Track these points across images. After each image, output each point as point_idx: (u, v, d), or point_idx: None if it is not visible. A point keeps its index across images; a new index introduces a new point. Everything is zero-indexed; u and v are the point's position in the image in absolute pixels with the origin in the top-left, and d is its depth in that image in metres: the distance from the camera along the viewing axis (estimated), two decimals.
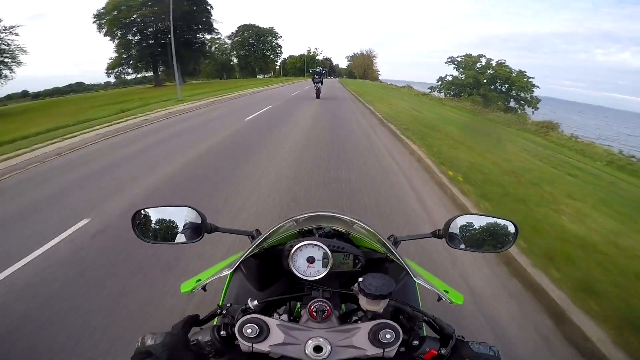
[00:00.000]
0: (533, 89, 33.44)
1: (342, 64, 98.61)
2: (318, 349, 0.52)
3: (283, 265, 0.69)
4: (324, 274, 0.66)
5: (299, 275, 0.66)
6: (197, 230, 0.91)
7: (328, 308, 0.57)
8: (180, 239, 0.90)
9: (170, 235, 0.90)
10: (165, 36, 37.32)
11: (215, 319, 0.64)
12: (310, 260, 0.66)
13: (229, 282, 0.84)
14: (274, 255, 0.77)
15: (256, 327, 0.52)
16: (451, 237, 0.91)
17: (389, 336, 0.52)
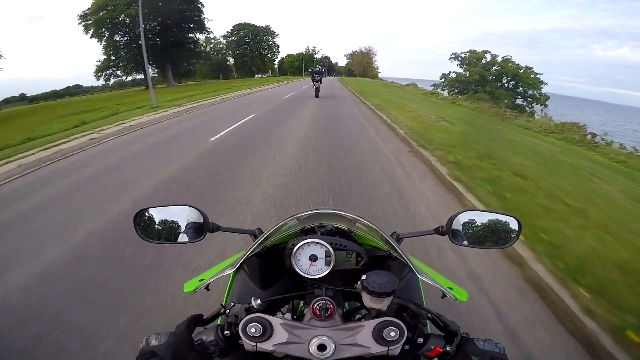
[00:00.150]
0: (541, 85, 32.10)
1: (341, 62, 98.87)
2: (322, 347, 0.51)
3: (285, 264, 0.68)
4: (327, 272, 0.65)
5: (301, 273, 0.66)
6: (200, 229, 0.90)
7: (331, 306, 0.57)
8: (183, 238, 0.89)
9: (172, 235, 0.90)
10: (155, 36, 35.78)
11: (218, 318, 0.64)
12: (313, 258, 0.66)
13: (232, 282, 0.84)
14: (276, 254, 0.76)
15: (260, 327, 0.52)
16: (454, 234, 0.90)
17: (393, 334, 0.52)
